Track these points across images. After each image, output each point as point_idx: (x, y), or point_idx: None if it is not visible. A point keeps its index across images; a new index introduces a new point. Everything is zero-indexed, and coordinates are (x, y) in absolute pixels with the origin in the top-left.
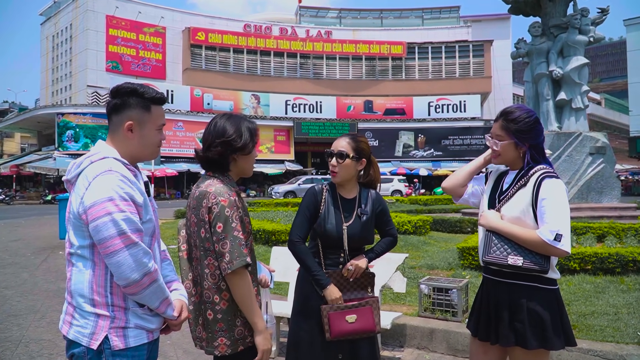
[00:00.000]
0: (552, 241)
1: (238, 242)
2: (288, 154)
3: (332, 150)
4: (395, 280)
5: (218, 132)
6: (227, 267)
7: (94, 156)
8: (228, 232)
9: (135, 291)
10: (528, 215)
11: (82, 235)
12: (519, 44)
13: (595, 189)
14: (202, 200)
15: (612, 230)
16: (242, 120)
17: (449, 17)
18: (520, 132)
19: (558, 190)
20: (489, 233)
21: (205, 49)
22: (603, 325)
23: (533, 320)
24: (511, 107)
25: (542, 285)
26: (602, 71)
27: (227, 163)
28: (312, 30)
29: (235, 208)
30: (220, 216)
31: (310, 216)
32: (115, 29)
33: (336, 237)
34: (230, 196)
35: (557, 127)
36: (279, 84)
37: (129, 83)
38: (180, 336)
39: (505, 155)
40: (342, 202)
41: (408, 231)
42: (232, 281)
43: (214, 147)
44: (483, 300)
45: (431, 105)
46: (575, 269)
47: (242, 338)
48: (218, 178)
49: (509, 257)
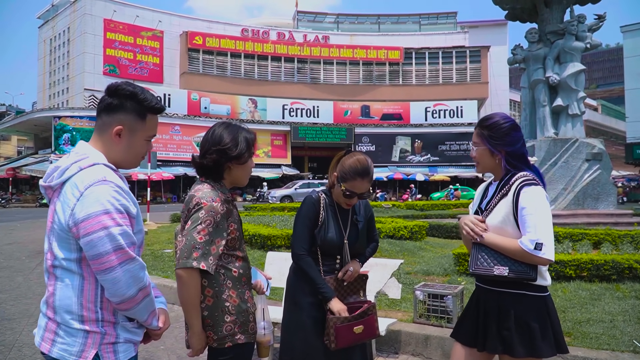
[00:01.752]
0: (533, 250)
1: (192, 243)
2: (285, 158)
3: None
4: (390, 287)
5: (215, 139)
6: (176, 263)
7: (83, 162)
8: (189, 231)
9: (128, 307)
10: (510, 224)
11: (69, 248)
12: (516, 50)
13: (592, 195)
14: (189, 203)
15: (608, 237)
16: (240, 130)
17: (446, 23)
18: (493, 138)
19: (537, 197)
20: (476, 245)
21: (202, 53)
22: (599, 333)
23: (520, 328)
24: (491, 114)
25: (531, 292)
26: (599, 77)
27: (222, 171)
28: (310, 35)
29: (211, 213)
30: (193, 216)
31: (311, 226)
32: (112, 33)
33: (337, 245)
34: (213, 201)
35: (553, 134)
36: (276, 89)
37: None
38: (174, 341)
39: (483, 163)
40: (340, 211)
41: (404, 237)
42: (178, 277)
43: (209, 155)
44: (472, 306)
45: (428, 111)
46: (571, 275)
47: (231, 335)
48: (209, 184)
49: (494, 268)
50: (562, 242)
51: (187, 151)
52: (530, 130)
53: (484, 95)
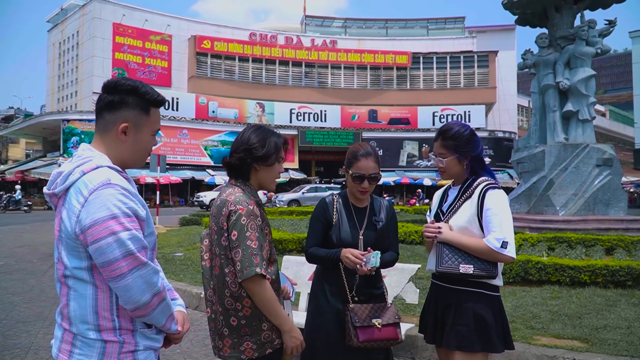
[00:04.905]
0: (499, 248)
1: (250, 251)
2: (292, 162)
3: (363, 174)
4: (407, 291)
5: (243, 140)
6: (238, 275)
7: (85, 165)
8: (241, 240)
9: (144, 313)
10: (474, 224)
11: (79, 257)
12: (526, 55)
13: (602, 201)
14: (222, 209)
15: (621, 242)
16: (269, 134)
17: (454, 28)
18: (459, 147)
19: (501, 200)
20: (440, 245)
21: (210, 57)
22: (616, 339)
23: (478, 324)
24: (447, 125)
25: (487, 291)
26: (607, 83)
27: (248, 171)
28: (318, 40)
29: (252, 217)
30: (236, 224)
31: (322, 227)
32: (121, 37)
33: (352, 244)
34: (249, 205)
35: (563, 139)
36: (284, 93)
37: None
38: (190, 345)
39: (451, 171)
40: (355, 210)
41: (415, 241)
42: (248, 289)
43: (236, 154)
44: (431, 304)
45: (435, 115)
46: (586, 281)
47: (270, 341)
48: (239, 187)
49: (460, 266)
50: (575, 247)
51: (194, 155)
52: (540, 136)
53: (492, 100)
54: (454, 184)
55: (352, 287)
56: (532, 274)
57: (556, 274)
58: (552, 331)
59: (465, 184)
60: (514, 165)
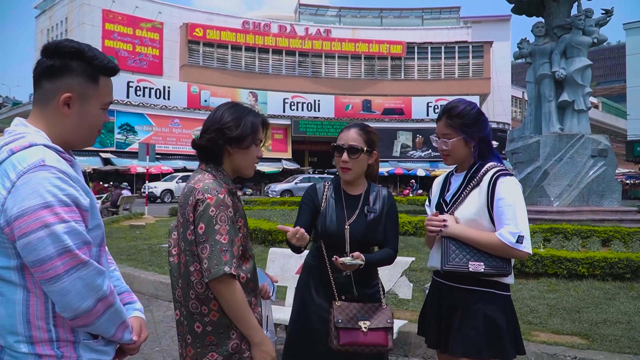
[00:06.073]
0: (514, 244)
1: (219, 247)
2: (285, 152)
3: (342, 145)
4: (400, 286)
5: (215, 118)
6: (205, 275)
7: (16, 143)
8: (209, 234)
9: (87, 322)
10: (484, 216)
11: (6, 254)
12: (522, 44)
13: (597, 192)
14: (189, 198)
15: (617, 234)
16: (246, 112)
17: (449, 18)
18: (467, 126)
19: (514, 189)
20: (446, 240)
21: (203, 45)
22: (617, 335)
23: (489, 328)
24: (452, 102)
25: (498, 291)
26: (600, 75)
27: (220, 155)
28: (312, 29)
29: (222, 208)
30: (204, 216)
31: (310, 210)
32: (111, 24)
33: (337, 234)
34: (219, 193)
35: (559, 129)
36: (277, 82)
37: (73, 41)
38: (171, 342)
39: (456, 154)
40: (346, 198)
41: (408, 232)
42: (215, 290)
43: (206, 134)
44: (433, 304)
45: (430, 106)
46: (584, 274)
47: (238, 352)
48: (210, 173)
49: (469, 263)
50: (571, 239)
51: (186, 144)
52: (535, 126)
53: (486, 91)
54: (457, 170)
55: (339, 284)
56: (528, 266)
57: (553, 266)
58: (550, 326)
59: (472, 169)
60: (509, 156)
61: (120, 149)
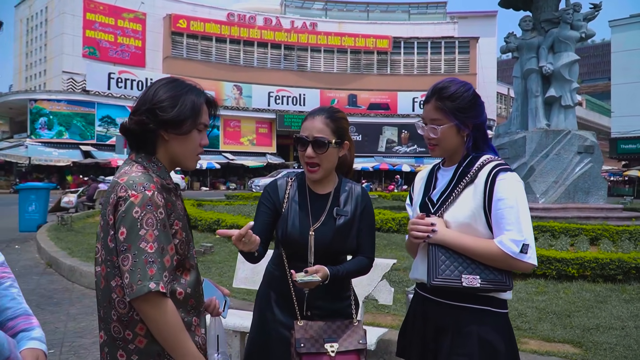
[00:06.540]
0: (518, 254)
1: (144, 258)
2: (270, 146)
3: (305, 137)
4: (380, 291)
5: (147, 96)
6: (127, 292)
7: None
8: (132, 242)
9: None
10: (480, 220)
11: None
12: (509, 38)
13: (583, 188)
14: (110, 195)
15: (606, 232)
16: (186, 89)
17: (435, 13)
18: (460, 110)
19: (517, 188)
20: (434, 248)
21: (186, 37)
22: (612, 343)
23: (485, 354)
24: (443, 81)
25: (494, 308)
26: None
27: (152, 141)
28: (297, 22)
29: (149, 208)
30: (125, 218)
31: (267, 215)
32: (92, 14)
33: (300, 242)
34: (146, 190)
35: (545, 125)
36: (262, 75)
37: None
38: None
39: (446, 143)
40: (312, 198)
41: (392, 229)
42: (140, 311)
43: (136, 115)
44: (417, 324)
45: (415, 101)
46: (574, 275)
47: None
48: (140, 164)
49: (462, 276)
50: (559, 237)
51: None
52: (521, 122)
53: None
54: (444, 163)
55: (301, 298)
56: None
57: (542, 267)
58: (540, 332)
59: (464, 163)
60: None
61: (101, 142)
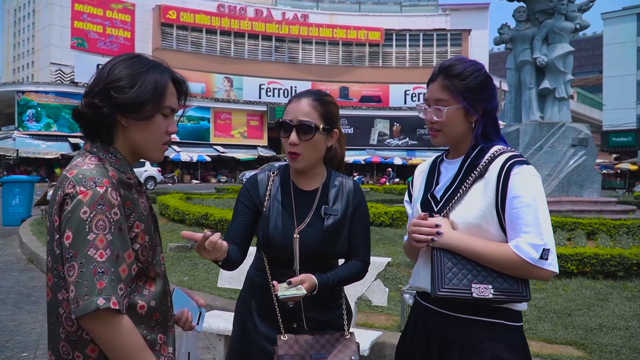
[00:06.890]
0: (538, 260)
1: (92, 268)
2: (261, 139)
3: (289, 121)
4: (374, 291)
5: (102, 75)
6: (72, 308)
7: None
8: (78, 248)
9: None
10: (491, 220)
11: None
12: (503, 30)
13: (577, 181)
14: (57, 192)
15: (603, 227)
16: (149, 67)
17: (427, 5)
18: (470, 91)
19: (534, 183)
20: (439, 253)
21: (176, 28)
22: (617, 345)
23: None
24: (452, 59)
25: (508, 322)
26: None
27: (108, 128)
28: (289, 13)
29: (101, 207)
30: (72, 220)
31: (246, 216)
32: (81, 4)
33: (283, 246)
34: (97, 186)
35: (539, 117)
36: (253, 67)
37: None
38: None
39: (451, 129)
40: (297, 195)
41: (384, 223)
42: (89, 331)
43: (88, 97)
44: (418, 338)
45: (407, 94)
46: (573, 271)
47: None
48: (96, 155)
49: (472, 286)
50: (555, 231)
51: None
52: (515, 114)
53: None
54: (448, 154)
55: (285, 309)
56: None
57: None
58: (541, 333)
59: (472, 154)
60: None
61: None
